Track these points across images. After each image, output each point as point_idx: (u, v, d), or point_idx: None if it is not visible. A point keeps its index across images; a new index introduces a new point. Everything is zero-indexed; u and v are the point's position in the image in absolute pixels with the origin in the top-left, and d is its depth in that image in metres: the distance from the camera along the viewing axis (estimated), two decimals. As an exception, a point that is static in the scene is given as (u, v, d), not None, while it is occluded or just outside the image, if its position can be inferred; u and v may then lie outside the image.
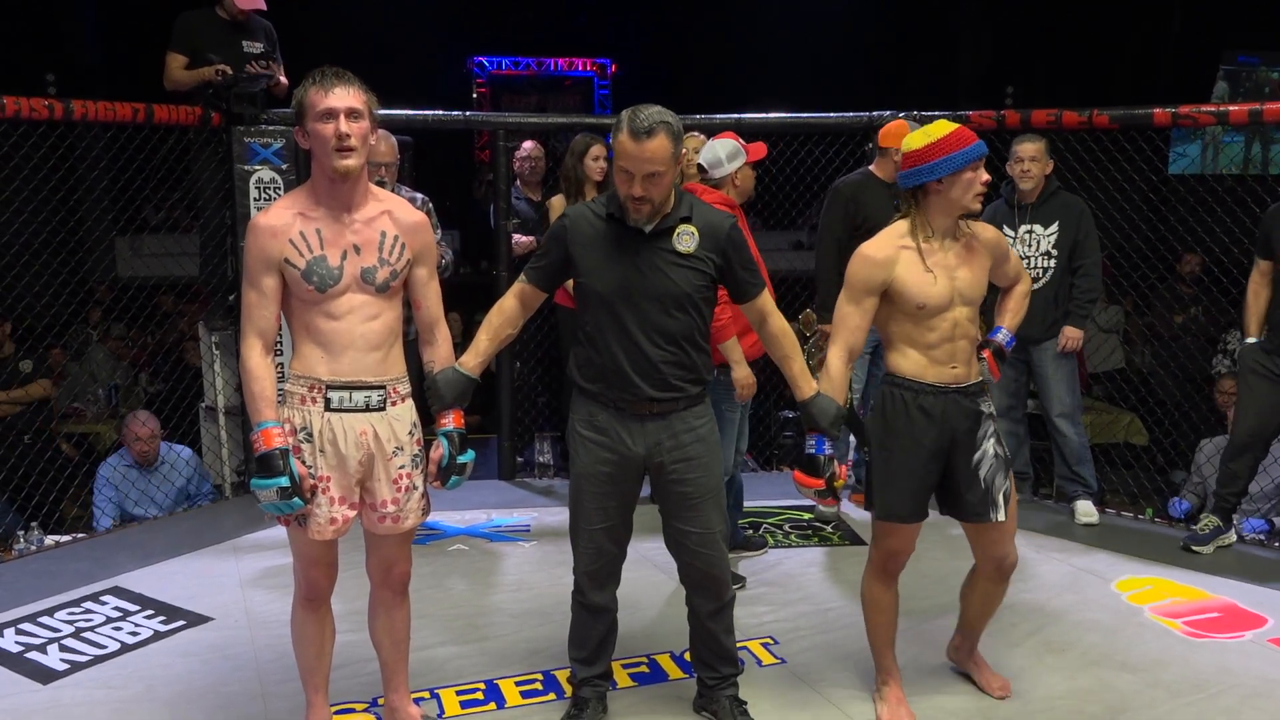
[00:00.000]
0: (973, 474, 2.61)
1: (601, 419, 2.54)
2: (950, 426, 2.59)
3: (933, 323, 2.56)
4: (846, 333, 2.59)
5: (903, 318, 2.58)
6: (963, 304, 2.57)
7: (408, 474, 2.43)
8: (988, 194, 4.74)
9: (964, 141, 2.50)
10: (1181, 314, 6.16)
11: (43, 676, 2.99)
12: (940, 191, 2.53)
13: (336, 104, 2.25)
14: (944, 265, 2.56)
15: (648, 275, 2.45)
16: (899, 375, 2.61)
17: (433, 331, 2.52)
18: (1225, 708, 2.82)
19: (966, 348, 2.61)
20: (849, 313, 2.58)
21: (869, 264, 2.56)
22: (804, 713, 2.80)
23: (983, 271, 2.63)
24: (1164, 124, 4.39)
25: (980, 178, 2.52)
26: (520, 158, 5.12)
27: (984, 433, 2.62)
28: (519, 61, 11.54)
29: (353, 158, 2.27)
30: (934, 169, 2.51)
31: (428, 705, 2.79)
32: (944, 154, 2.49)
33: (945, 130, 2.53)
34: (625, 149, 2.37)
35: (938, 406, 2.58)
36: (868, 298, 2.57)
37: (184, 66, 4.53)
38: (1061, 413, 4.34)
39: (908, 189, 2.58)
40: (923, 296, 2.53)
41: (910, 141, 2.56)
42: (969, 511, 2.65)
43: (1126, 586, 3.67)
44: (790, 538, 4.18)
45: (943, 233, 2.58)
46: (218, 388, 4.74)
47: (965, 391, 2.61)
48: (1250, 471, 4.01)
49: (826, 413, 2.53)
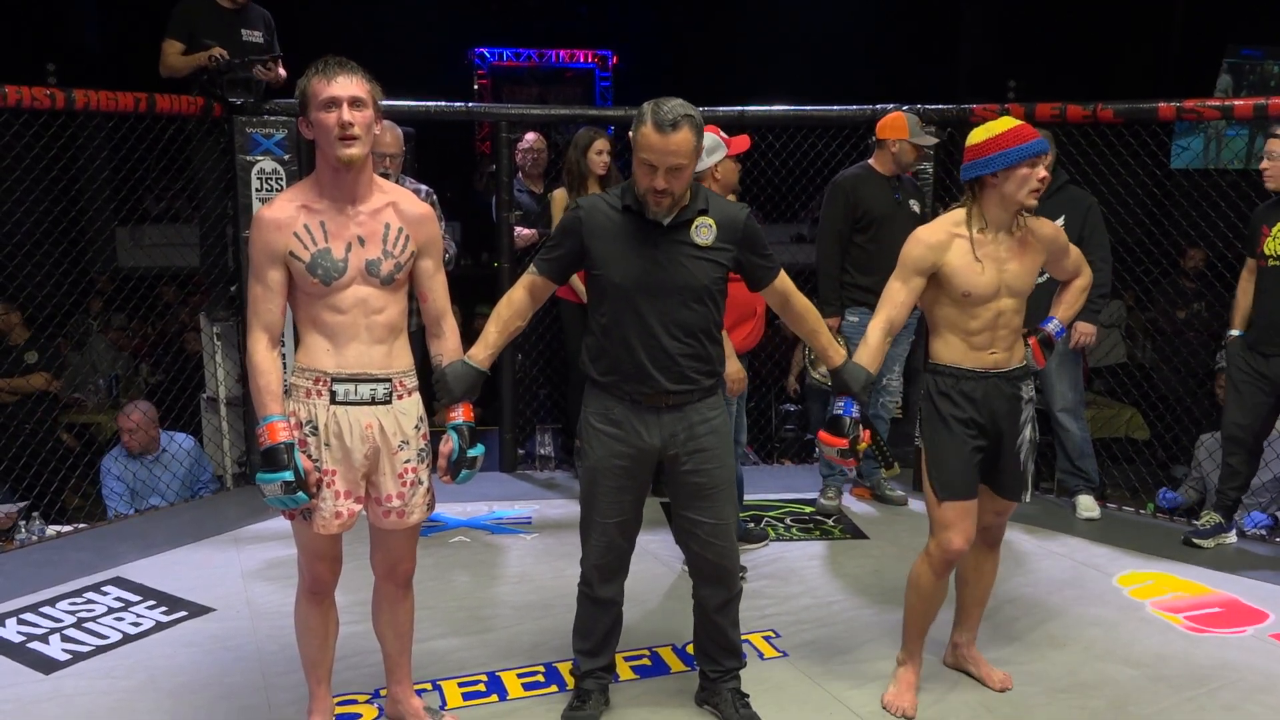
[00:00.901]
0: (1014, 455, 2.71)
1: (617, 412, 2.53)
2: (990, 408, 2.66)
3: (976, 311, 2.63)
4: (890, 306, 2.67)
5: (948, 303, 2.65)
6: (1009, 295, 2.64)
7: (413, 468, 2.42)
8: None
9: (1021, 138, 2.56)
10: (1184, 309, 6.15)
11: (45, 666, 2.99)
12: (995, 185, 2.59)
13: (339, 92, 2.24)
14: (994, 257, 2.62)
15: (667, 268, 2.45)
16: (940, 363, 2.69)
17: (439, 324, 2.50)
18: (1227, 703, 2.82)
19: (1008, 336, 2.67)
20: (896, 289, 2.67)
21: (922, 246, 2.64)
22: (805, 705, 2.80)
23: (1034, 265, 2.69)
24: (1169, 118, 4.38)
25: (1037, 174, 2.55)
26: (522, 150, 5.10)
27: (1025, 417, 2.71)
28: (520, 53, 11.52)
29: (356, 146, 2.25)
30: (990, 163, 2.57)
31: (430, 697, 2.80)
32: (1000, 149, 2.56)
33: (1005, 126, 2.59)
34: (650, 142, 2.36)
35: (979, 390, 2.66)
36: (916, 278, 2.65)
37: (180, 53, 4.52)
38: (1064, 407, 4.34)
39: (966, 181, 2.64)
40: (969, 285, 2.60)
41: (972, 136, 2.64)
42: (1005, 489, 2.75)
43: (1128, 581, 3.67)
44: (792, 531, 4.18)
45: (997, 225, 2.63)
46: (219, 378, 4.74)
47: (1006, 376, 2.68)
48: (1250, 467, 4.02)
49: (857, 378, 2.61)
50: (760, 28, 10.03)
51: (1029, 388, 2.74)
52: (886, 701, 2.76)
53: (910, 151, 4.27)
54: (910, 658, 2.81)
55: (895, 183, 4.29)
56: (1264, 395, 3.88)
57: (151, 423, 4.63)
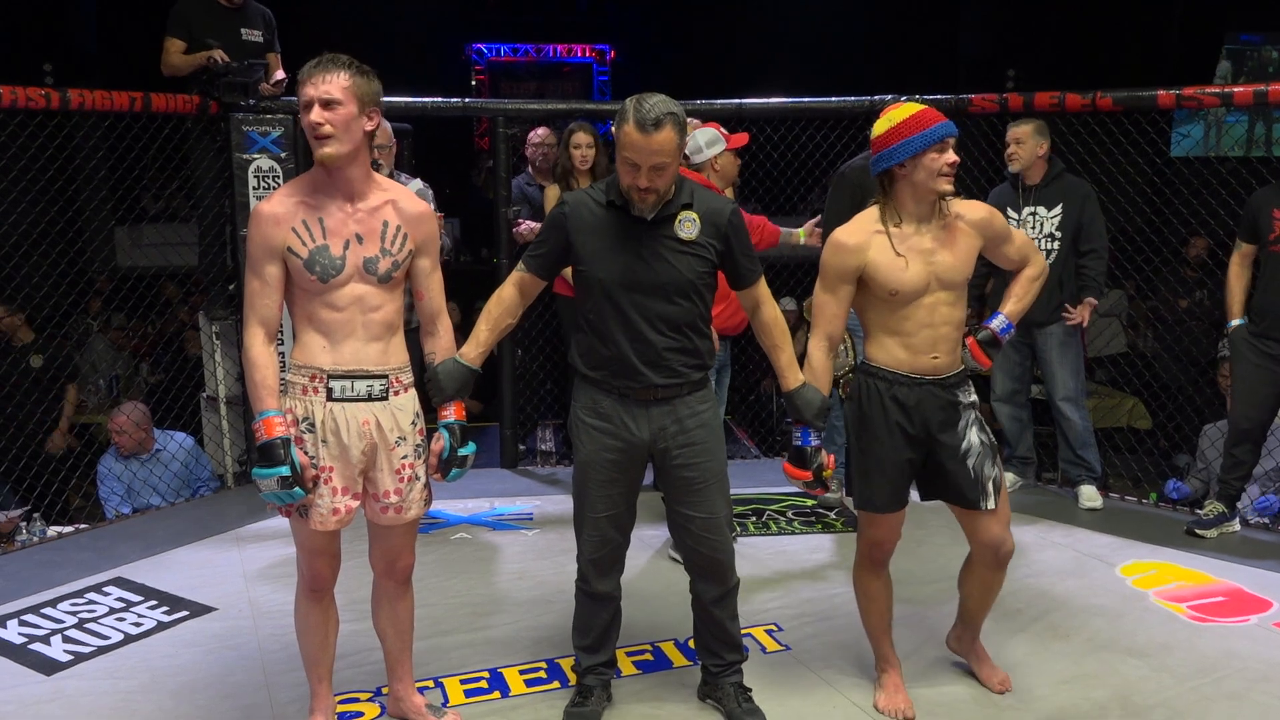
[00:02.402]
0: (961, 463, 2.59)
1: (605, 406, 2.53)
2: (924, 417, 2.57)
3: (908, 310, 2.53)
4: (824, 321, 2.58)
5: (879, 304, 2.56)
6: (941, 288, 2.53)
7: (410, 464, 2.41)
8: (995, 176, 4.72)
9: (923, 124, 2.46)
10: (1186, 298, 6.13)
11: (46, 668, 2.99)
12: (905, 175, 2.50)
13: (312, 93, 2.25)
14: (919, 249, 2.52)
15: (651, 263, 2.44)
16: (874, 365, 2.60)
17: (435, 322, 2.50)
18: (1231, 692, 2.81)
19: (950, 334, 2.57)
20: (825, 301, 2.58)
21: (840, 250, 2.55)
22: (808, 699, 2.79)
23: (967, 253, 2.57)
24: (1168, 106, 4.36)
25: (946, 159, 2.46)
26: (533, 144, 5.08)
27: (965, 423, 2.60)
28: (518, 48, 11.50)
29: (330, 145, 2.25)
30: (894, 153, 2.48)
31: (432, 694, 2.79)
32: (903, 137, 2.47)
33: (906, 114, 2.49)
34: (632, 141, 2.34)
35: (912, 397, 2.56)
36: (842, 285, 2.55)
37: (182, 52, 4.51)
38: (1065, 397, 4.33)
39: (876, 175, 2.56)
40: (895, 282, 2.51)
41: (875, 128, 2.54)
42: (962, 499, 2.63)
43: (1131, 571, 3.66)
44: (794, 524, 4.17)
45: (916, 217, 2.54)
46: (219, 377, 4.73)
47: (943, 384, 2.58)
48: (1254, 456, 4.01)
49: (811, 404, 2.55)
50: (758, 20, 10.00)
51: (968, 392, 2.61)
52: (880, 707, 2.71)
53: None
54: (884, 661, 2.77)
55: None
56: (1272, 385, 3.85)
57: (140, 424, 4.60)
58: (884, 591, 2.74)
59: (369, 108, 2.30)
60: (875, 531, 2.67)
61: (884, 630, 2.77)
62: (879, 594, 2.74)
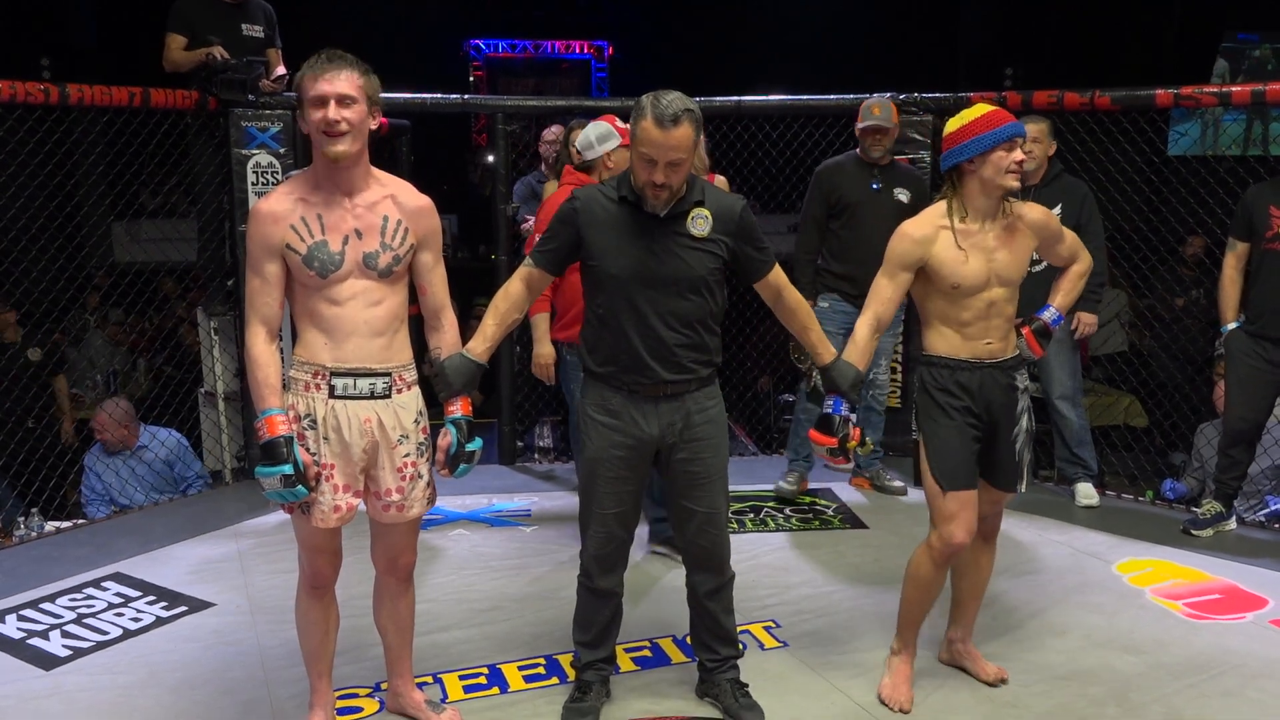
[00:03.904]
0: (1010, 446, 2.70)
1: (615, 402, 2.53)
2: (986, 398, 2.66)
3: (968, 301, 2.62)
4: (878, 303, 2.67)
5: (938, 295, 2.64)
6: (999, 285, 2.63)
7: (413, 462, 2.42)
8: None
9: (994, 122, 2.56)
10: (1183, 297, 6.14)
11: (45, 663, 2.99)
12: (974, 172, 2.59)
13: (327, 89, 2.24)
14: (981, 246, 2.61)
15: (663, 259, 2.45)
16: (934, 354, 2.68)
17: (438, 317, 2.50)
18: (1226, 689, 2.83)
19: (1002, 325, 2.66)
20: (883, 285, 2.66)
21: (907, 241, 2.64)
22: (806, 696, 2.80)
23: (1024, 252, 2.67)
24: (1166, 105, 4.37)
25: (1013, 157, 2.55)
26: (546, 142, 5.08)
27: (1021, 407, 2.70)
28: (516, 44, 11.49)
29: (343, 143, 2.25)
30: (964, 150, 2.58)
31: (431, 690, 2.80)
32: (973, 135, 2.57)
33: (978, 113, 2.59)
34: (649, 137, 2.35)
35: (974, 380, 2.65)
36: (902, 273, 2.64)
37: (183, 48, 4.50)
38: (1062, 395, 4.34)
39: (945, 171, 2.64)
40: (957, 276, 2.59)
41: (948, 125, 2.63)
42: (1001, 479, 2.73)
43: (1128, 568, 3.67)
44: (791, 521, 4.18)
45: (982, 213, 2.62)
46: (217, 373, 4.73)
47: (1000, 366, 2.67)
48: (1249, 455, 4.01)
49: (846, 376, 2.61)
50: (757, 18, 10.00)
51: (1024, 377, 2.73)
52: (883, 694, 2.75)
53: (866, 136, 4.19)
54: (905, 648, 2.80)
55: (875, 171, 4.22)
56: (1270, 386, 3.85)
57: (121, 421, 4.59)
58: (938, 586, 2.75)
59: (375, 106, 2.31)
60: (953, 507, 2.62)
61: (918, 621, 2.80)
62: (933, 586, 2.73)
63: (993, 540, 2.86)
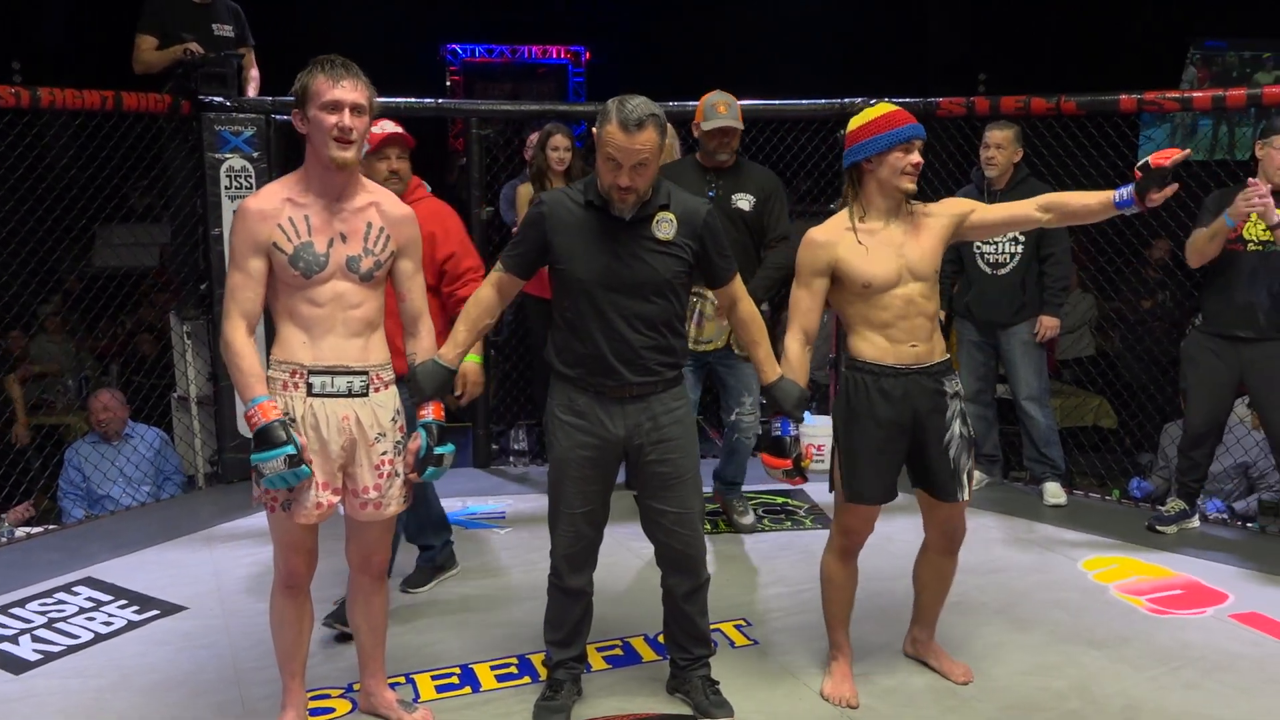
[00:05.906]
0: (943, 453, 2.66)
1: (581, 403, 2.56)
2: (912, 406, 2.63)
3: (884, 300, 2.60)
4: (799, 316, 2.66)
5: (854, 298, 2.63)
6: (914, 279, 2.61)
7: (390, 460, 2.45)
8: (962, 179, 4.76)
9: (893, 123, 2.56)
10: (1150, 299, 6.23)
11: (15, 667, 2.98)
12: (872, 171, 2.60)
13: (344, 96, 2.28)
14: (888, 242, 2.61)
15: (628, 262, 2.48)
16: (859, 359, 2.66)
17: (416, 324, 2.54)
18: (1187, 681, 2.88)
19: (925, 325, 2.64)
20: (800, 296, 2.66)
21: (812, 247, 2.64)
22: (776, 692, 2.84)
23: (936, 244, 2.64)
24: (1130, 110, 4.45)
25: (910, 159, 2.55)
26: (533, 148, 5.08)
27: (951, 413, 2.67)
28: (493, 49, 11.48)
29: (351, 150, 2.31)
30: (861, 149, 2.59)
31: (403, 690, 2.81)
32: (871, 135, 2.57)
33: (879, 112, 2.60)
34: (615, 140, 2.38)
35: (899, 388, 2.62)
36: (815, 280, 2.64)
37: (154, 49, 4.50)
38: (1029, 396, 4.40)
39: (846, 169, 2.65)
40: (867, 275, 2.59)
41: (849, 123, 2.64)
42: (939, 490, 2.70)
43: (1093, 565, 3.73)
44: (764, 522, 4.22)
45: (884, 213, 2.63)
46: (190, 377, 4.72)
47: (927, 371, 2.65)
48: (1208, 457, 4.06)
49: (789, 395, 2.61)
50: (732, 24, 10.05)
51: (954, 382, 2.69)
52: (826, 693, 2.77)
53: (711, 139, 3.82)
54: (838, 650, 2.83)
55: (712, 176, 3.85)
56: (1227, 388, 3.89)
57: (120, 405, 4.69)
58: (850, 582, 2.80)
59: (373, 118, 2.38)
60: (854, 522, 2.72)
61: (843, 620, 2.82)
62: (845, 584, 2.79)
63: (955, 554, 2.84)
